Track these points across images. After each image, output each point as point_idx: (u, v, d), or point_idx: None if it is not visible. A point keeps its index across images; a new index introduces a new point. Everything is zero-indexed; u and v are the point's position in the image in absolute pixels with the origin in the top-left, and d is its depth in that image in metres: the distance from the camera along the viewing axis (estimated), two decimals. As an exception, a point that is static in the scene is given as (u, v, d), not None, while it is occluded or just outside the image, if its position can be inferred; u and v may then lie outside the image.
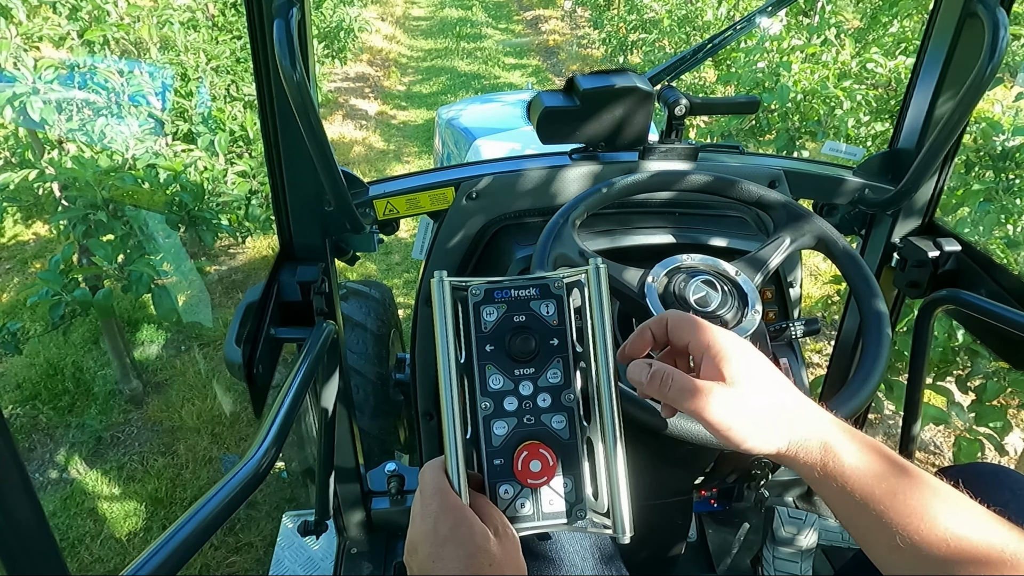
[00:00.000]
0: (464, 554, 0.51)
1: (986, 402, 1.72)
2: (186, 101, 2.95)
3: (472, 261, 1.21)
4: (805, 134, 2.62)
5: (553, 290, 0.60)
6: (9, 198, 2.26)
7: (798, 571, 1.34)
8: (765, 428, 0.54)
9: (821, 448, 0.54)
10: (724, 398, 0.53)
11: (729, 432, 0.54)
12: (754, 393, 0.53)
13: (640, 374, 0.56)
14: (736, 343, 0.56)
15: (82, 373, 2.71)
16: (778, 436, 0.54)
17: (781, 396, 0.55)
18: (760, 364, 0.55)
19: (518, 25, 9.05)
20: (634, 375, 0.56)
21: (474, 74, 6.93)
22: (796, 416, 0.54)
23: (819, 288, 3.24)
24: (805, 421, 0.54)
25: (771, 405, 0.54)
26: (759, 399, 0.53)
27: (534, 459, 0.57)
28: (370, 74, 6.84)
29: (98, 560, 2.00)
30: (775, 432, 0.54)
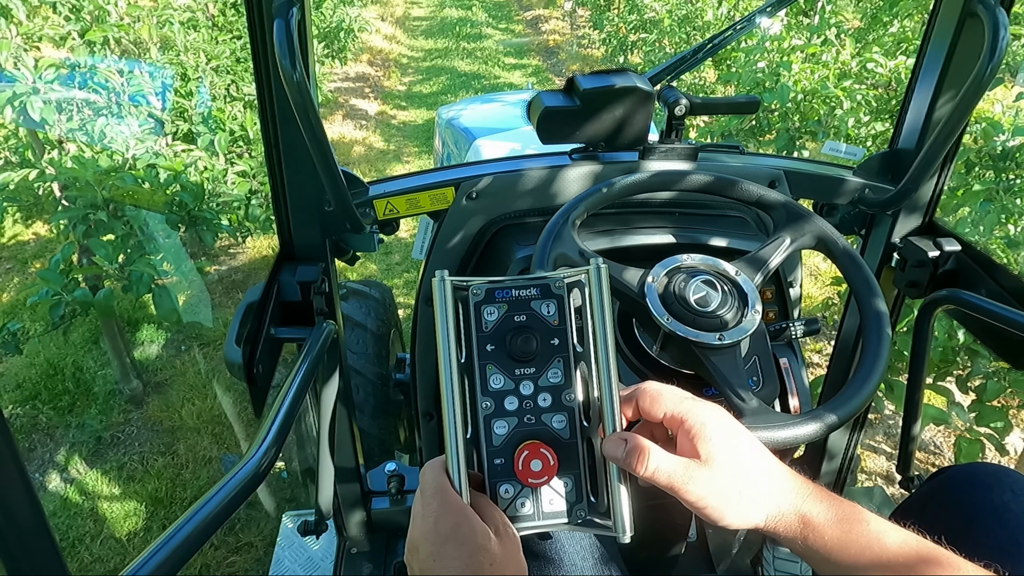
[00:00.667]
0: (465, 553, 0.51)
1: (986, 402, 1.72)
2: (186, 101, 2.95)
3: (472, 261, 1.21)
4: (805, 134, 2.62)
5: (554, 290, 0.60)
6: (9, 198, 2.26)
7: (798, 571, 1.34)
8: (741, 505, 0.54)
9: (799, 522, 0.54)
10: (699, 477, 0.54)
11: (706, 510, 0.54)
12: (729, 470, 0.54)
13: (616, 450, 0.55)
14: (711, 417, 0.56)
15: (82, 373, 2.71)
16: (754, 512, 0.55)
17: (757, 471, 0.55)
18: (736, 438, 0.55)
19: (518, 25, 9.05)
20: (609, 451, 0.56)
21: (474, 74, 6.93)
22: (772, 491, 0.55)
23: (820, 290, 3.24)
24: (781, 495, 0.55)
25: (747, 481, 0.54)
26: (735, 476, 0.54)
27: (534, 459, 0.57)
28: (370, 74, 6.84)
29: (98, 560, 2.00)
30: (751, 508, 0.55)
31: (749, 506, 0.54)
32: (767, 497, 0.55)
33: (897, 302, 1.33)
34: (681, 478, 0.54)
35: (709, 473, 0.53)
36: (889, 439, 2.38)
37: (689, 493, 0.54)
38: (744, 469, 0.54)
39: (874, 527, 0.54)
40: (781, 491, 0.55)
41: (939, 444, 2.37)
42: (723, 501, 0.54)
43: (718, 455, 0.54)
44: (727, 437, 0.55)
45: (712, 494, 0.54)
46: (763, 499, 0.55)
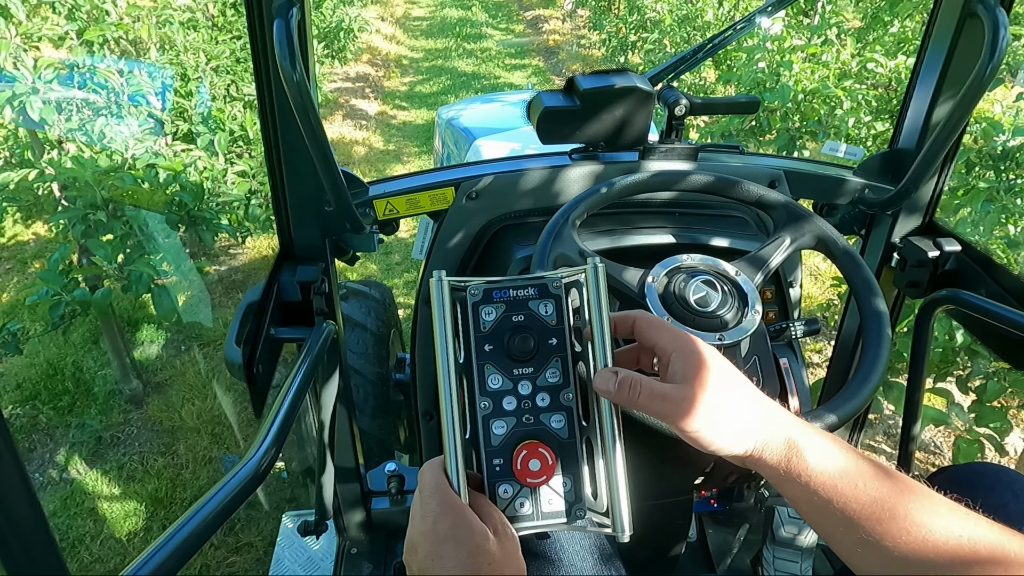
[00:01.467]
0: (463, 553, 0.51)
1: (987, 402, 1.71)
2: (186, 101, 2.95)
3: (472, 261, 1.21)
4: (805, 134, 2.62)
5: (552, 290, 0.60)
6: (9, 198, 2.26)
7: (798, 571, 1.34)
8: (733, 430, 0.54)
9: (785, 446, 0.54)
10: (690, 402, 0.54)
11: (699, 435, 0.54)
12: (721, 396, 0.54)
13: (607, 383, 0.56)
14: (702, 347, 0.57)
15: (82, 373, 2.71)
16: (746, 437, 0.55)
17: (747, 398, 0.56)
18: (725, 367, 0.56)
19: (518, 25, 9.05)
20: (601, 384, 0.56)
21: (474, 74, 6.93)
22: (762, 417, 0.55)
23: (820, 290, 3.24)
24: (771, 421, 0.55)
25: (738, 407, 0.55)
26: (726, 402, 0.54)
27: (533, 458, 0.57)
28: (370, 74, 6.84)
29: (98, 560, 2.00)
30: (743, 434, 0.55)
31: (740, 431, 0.54)
32: (757, 423, 0.55)
33: (897, 302, 1.33)
34: (674, 404, 0.54)
35: (699, 398, 0.54)
36: (889, 439, 2.38)
37: (682, 418, 0.54)
38: (735, 395, 0.55)
39: (860, 456, 0.54)
40: (770, 417, 0.55)
41: (939, 444, 2.37)
42: (715, 426, 0.54)
43: (710, 381, 0.54)
44: (718, 365, 0.56)
45: (704, 419, 0.54)
46: (754, 424, 0.55)
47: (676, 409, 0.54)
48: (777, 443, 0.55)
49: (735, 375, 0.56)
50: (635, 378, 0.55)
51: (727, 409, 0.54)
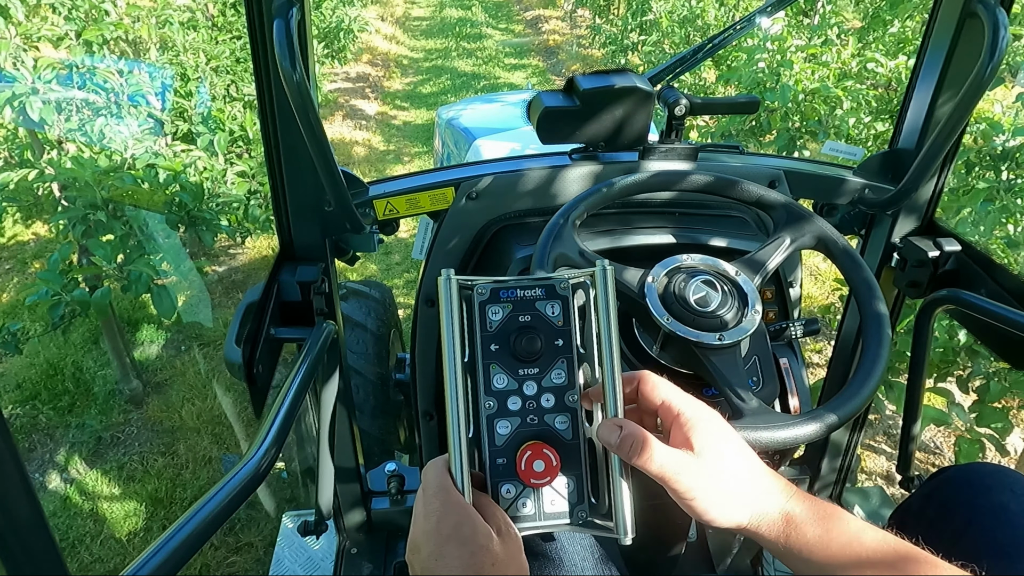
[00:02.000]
0: (466, 553, 0.51)
1: (989, 403, 1.71)
2: (186, 101, 2.95)
3: (472, 261, 1.20)
4: (806, 134, 2.62)
5: (559, 291, 0.60)
6: (9, 198, 2.26)
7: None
8: (728, 502, 0.55)
9: (783, 521, 0.55)
10: (690, 469, 0.54)
11: (693, 503, 0.55)
12: (719, 466, 0.54)
13: (610, 435, 0.56)
14: (705, 413, 0.56)
15: (82, 373, 2.71)
16: (740, 510, 0.55)
17: (745, 470, 0.56)
18: (727, 436, 0.56)
19: (518, 25, 9.05)
20: (604, 435, 0.56)
21: (474, 74, 6.93)
22: (759, 490, 0.55)
23: (820, 290, 3.24)
24: (768, 494, 0.55)
25: (735, 480, 0.55)
26: (724, 473, 0.55)
27: (537, 459, 0.57)
28: (370, 74, 6.84)
29: (98, 560, 2.00)
30: (738, 506, 0.55)
31: (736, 504, 0.55)
32: (754, 497, 0.55)
33: (897, 302, 1.33)
34: (672, 468, 0.54)
35: (699, 467, 0.54)
36: (889, 439, 2.38)
37: (679, 484, 0.54)
38: (734, 467, 0.55)
39: (854, 526, 0.54)
40: (767, 491, 0.56)
41: (939, 444, 2.37)
42: (711, 496, 0.54)
43: (710, 451, 0.54)
44: (719, 435, 0.56)
45: (701, 488, 0.54)
46: (750, 498, 0.55)
47: (674, 476, 0.54)
48: (774, 517, 0.55)
49: (734, 445, 0.56)
50: (637, 437, 0.55)
51: (723, 480, 0.54)
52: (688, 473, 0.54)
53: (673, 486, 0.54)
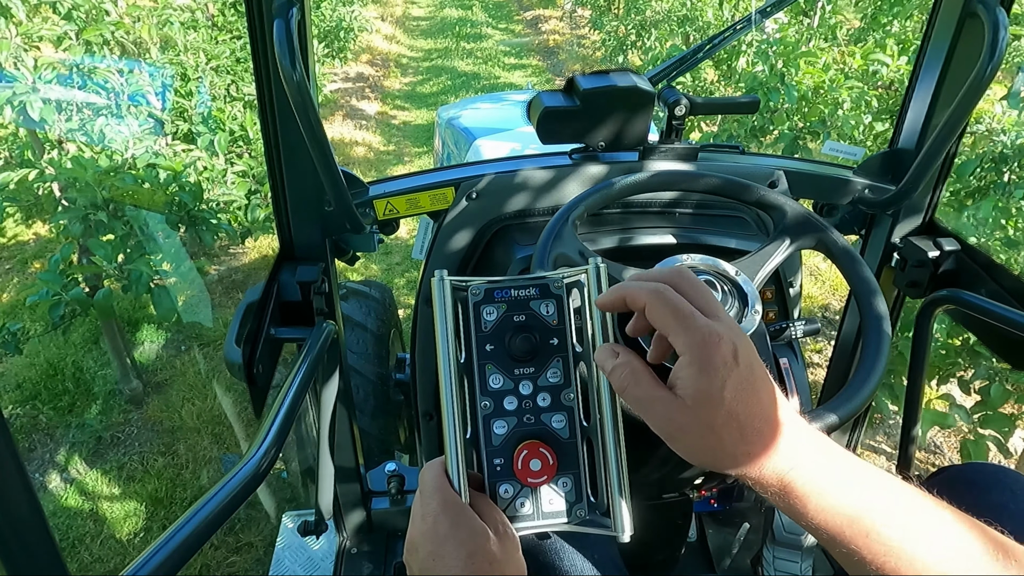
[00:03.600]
0: (464, 553, 0.51)
1: (992, 407, 1.71)
2: (186, 101, 2.95)
3: (472, 261, 1.21)
4: (808, 134, 2.62)
5: (553, 290, 0.60)
6: (9, 198, 2.26)
7: (798, 571, 1.34)
8: (707, 452, 0.50)
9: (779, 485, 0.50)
10: (665, 414, 0.49)
11: (677, 449, 0.51)
12: (700, 416, 0.48)
13: (605, 361, 0.53)
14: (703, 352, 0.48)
15: (82, 373, 2.71)
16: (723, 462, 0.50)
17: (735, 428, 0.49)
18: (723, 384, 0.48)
19: (518, 25, 9.05)
20: (600, 358, 0.54)
21: (474, 74, 6.93)
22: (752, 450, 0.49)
23: (820, 290, 3.24)
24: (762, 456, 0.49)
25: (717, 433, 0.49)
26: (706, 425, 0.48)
27: (534, 458, 0.57)
28: (370, 74, 6.84)
29: (98, 560, 2.00)
30: (720, 458, 0.50)
31: (718, 456, 0.50)
32: (744, 455, 0.49)
33: (897, 302, 1.33)
34: (663, 416, 0.50)
35: (676, 413, 0.49)
36: (889, 439, 2.38)
37: (652, 425, 0.51)
38: (719, 420, 0.48)
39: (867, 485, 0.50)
40: (762, 453, 0.49)
41: (939, 444, 2.37)
42: (687, 443, 0.50)
43: (693, 398, 0.48)
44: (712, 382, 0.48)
45: (674, 435, 0.50)
46: (737, 456, 0.49)
47: (649, 420, 0.50)
48: (770, 482, 0.50)
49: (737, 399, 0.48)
50: (629, 371, 0.51)
51: (705, 438, 0.49)
52: (661, 417, 0.50)
53: (658, 429, 0.51)
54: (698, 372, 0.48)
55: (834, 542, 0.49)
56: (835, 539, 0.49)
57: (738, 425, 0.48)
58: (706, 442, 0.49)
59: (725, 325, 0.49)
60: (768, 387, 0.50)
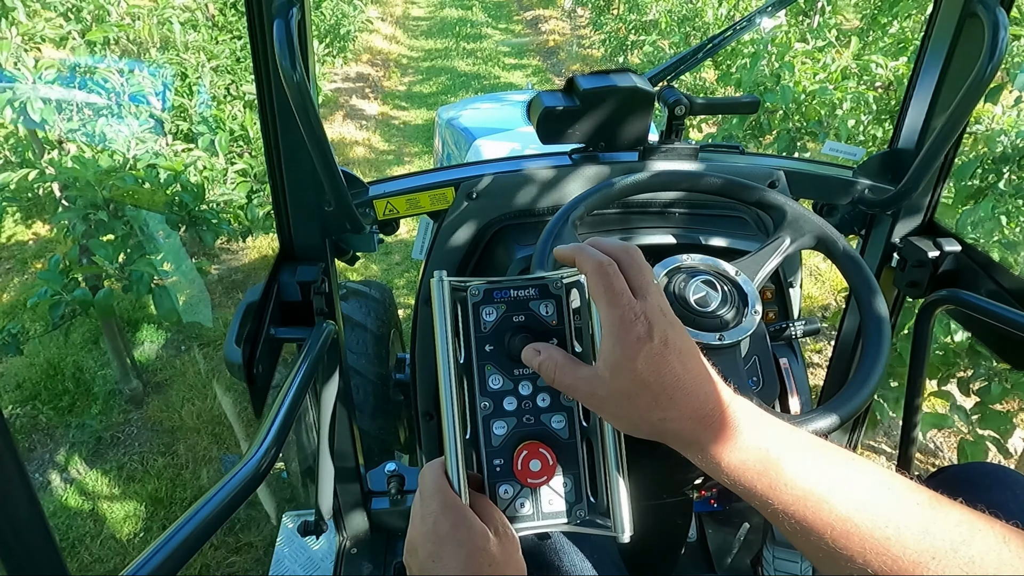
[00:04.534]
0: (463, 554, 0.51)
1: (990, 405, 1.71)
2: (186, 101, 2.95)
3: (472, 261, 1.21)
4: (806, 134, 2.62)
5: (552, 290, 0.60)
6: (9, 198, 2.26)
7: (798, 571, 1.34)
8: (634, 420, 0.52)
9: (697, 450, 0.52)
10: (591, 389, 0.53)
11: (603, 416, 0.55)
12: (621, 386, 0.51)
13: (531, 361, 0.57)
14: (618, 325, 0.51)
15: (82, 373, 2.71)
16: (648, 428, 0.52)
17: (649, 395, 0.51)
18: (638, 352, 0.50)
19: (518, 25, 9.05)
20: (526, 359, 0.57)
21: (474, 74, 6.93)
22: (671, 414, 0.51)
23: (820, 290, 3.24)
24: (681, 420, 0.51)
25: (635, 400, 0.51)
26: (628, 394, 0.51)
27: (534, 459, 0.57)
28: (370, 74, 6.84)
29: (98, 560, 2.00)
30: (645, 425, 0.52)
31: (643, 423, 0.52)
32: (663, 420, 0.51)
33: (897, 302, 1.33)
34: (576, 389, 0.54)
35: (600, 386, 0.52)
36: (889, 439, 2.38)
37: (586, 403, 0.55)
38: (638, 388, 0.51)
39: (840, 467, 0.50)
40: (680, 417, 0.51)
41: (939, 444, 2.37)
42: (616, 413, 0.53)
43: (611, 368, 0.51)
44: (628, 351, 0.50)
45: (605, 408, 0.53)
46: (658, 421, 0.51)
47: (581, 399, 0.55)
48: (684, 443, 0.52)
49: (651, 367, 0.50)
50: (551, 359, 0.55)
51: (629, 406, 0.52)
52: (585, 393, 0.53)
53: (580, 402, 0.56)
54: (612, 345, 0.51)
55: (750, 494, 0.51)
56: (750, 491, 0.51)
57: (651, 393, 0.51)
58: (624, 410, 0.52)
59: (648, 304, 0.52)
60: (682, 359, 0.52)
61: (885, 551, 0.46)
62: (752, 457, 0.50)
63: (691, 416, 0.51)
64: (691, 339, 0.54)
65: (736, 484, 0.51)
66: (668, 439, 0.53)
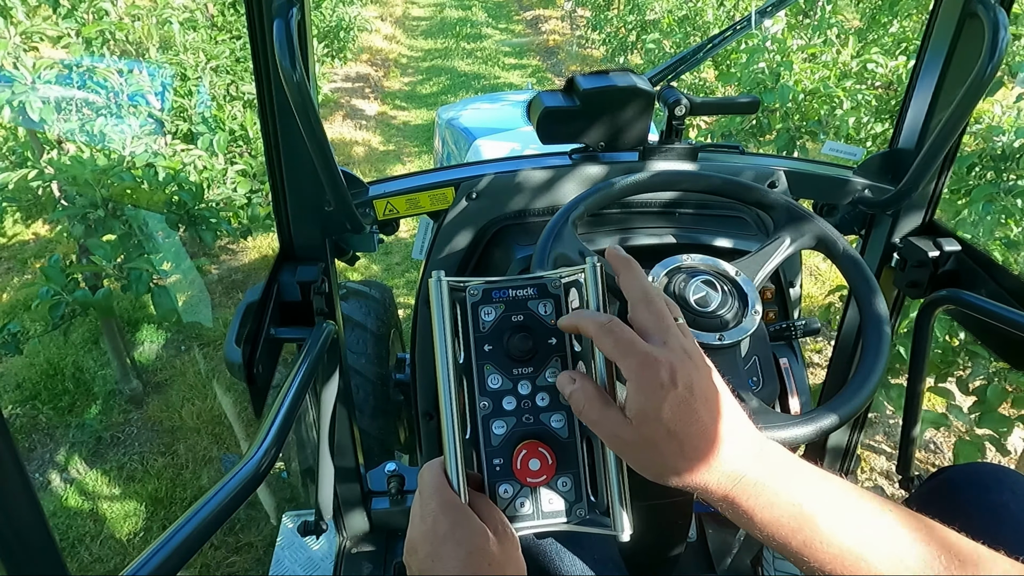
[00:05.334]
0: (463, 554, 0.51)
1: (990, 407, 1.71)
2: (186, 100, 2.95)
3: (472, 261, 1.21)
4: (805, 134, 2.62)
5: (551, 289, 0.60)
6: (9, 198, 2.26)
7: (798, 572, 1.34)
8: (658, 468, 0.52)
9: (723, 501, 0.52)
10: (617, 432, 0.52)
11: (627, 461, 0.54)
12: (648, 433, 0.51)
13: (564, 387, 0.56)
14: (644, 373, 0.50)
15: (82, 373, 2.71)
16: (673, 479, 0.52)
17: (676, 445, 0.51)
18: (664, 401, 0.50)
19: (518, 25, 9.05)
20: (560, 384, 0.56)
21: (474, 74, 6.93)
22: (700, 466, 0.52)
23: (820, 290, 3.24)
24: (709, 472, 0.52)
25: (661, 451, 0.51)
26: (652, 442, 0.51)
27: (533, 458, 0.57)
28: (370, 74, 6.84)
29: (98, 560, 2.00)
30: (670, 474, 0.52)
31: (668, 472, 0.52)
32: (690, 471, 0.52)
33: (897, 302, 1.33)
34: (602, 429, 0.53)
35: (627, 431, 0.52)
36: (889, 439, 2.38)
37: (609, 444, 0.55)
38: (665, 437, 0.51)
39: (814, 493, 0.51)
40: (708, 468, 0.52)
41: (939, 444, 2.37)
42: (640, 460, 0.53)
43: (638, 415, 0.51)
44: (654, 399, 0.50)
45: (629, 452, 0.53)
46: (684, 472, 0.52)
47: (605, 439, 0.54)
48: (715, 495, 0.53)
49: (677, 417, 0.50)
50: (585, 392, 0.54)
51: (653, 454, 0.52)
52: (609, 435, 0.53)
53: (602, 440, 0.55)
54: (636, 392, 0.51)
55: (785, 549, 0.51)
56: (784, 547, 0.51)
57: (678, 443, 0.51)
58: (649, 457, 0.52)
59: (669, 349, 0.52)
60: (710, 407, 0.52)
61: None
62: (786, 513, 0.50)
63: (720, 470, 0.51)
64: (719, 382, 0.53)
65: (770, 540, 0.51)
66: (697, 492, 0.53)
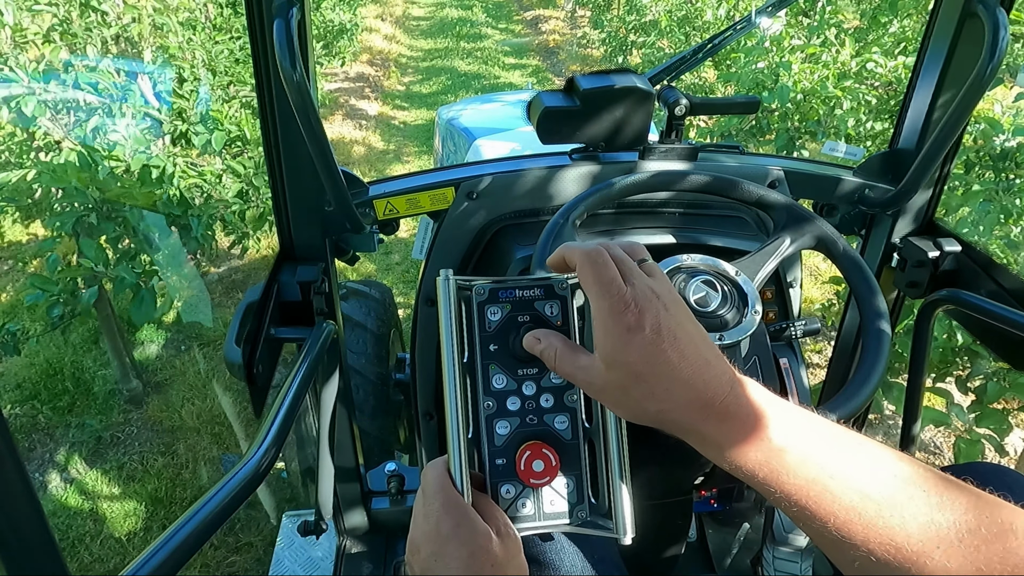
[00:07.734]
0: (466, 554, 0.51)
1: (987, 404, 1.71)
2: (184, 101, 2.95)
3: (472, 261, 1.21)
4: (805, 134, 2.62)
5: (558, 291, 0.59)
6: (8, 198, 2.26)
7: (798, 571, 1.34)
8: (631, 406, 0.51)
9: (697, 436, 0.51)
10: (590, 376, 0.52)
11: (603, 403, 0.55)
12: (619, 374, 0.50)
13: (533, 348, 0.56)
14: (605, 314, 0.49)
15: (82, 373, 2.71)
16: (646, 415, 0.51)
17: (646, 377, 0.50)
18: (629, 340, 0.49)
19: (518, 25, 9.05)
20: (528, 345, 0.57)
21: (474, 74, 6.93)
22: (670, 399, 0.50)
23: (819, 290, 3.24)
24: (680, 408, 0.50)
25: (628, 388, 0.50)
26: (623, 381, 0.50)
27: (536, 459, 0.57)
28: (370, 74, 6.84)
29: (98, 560, 2.00)
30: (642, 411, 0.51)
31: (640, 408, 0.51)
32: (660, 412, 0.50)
33: (897, 302, 1.33)
34: (576, 377, 0.53)
35: (598, 374, 0.51)
36: (889, 439, 2.38)
37: (585, 389, 0.54)
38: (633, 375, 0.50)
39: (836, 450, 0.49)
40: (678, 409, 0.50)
41: (939, 444, 2.37)
42: (614, 399, 0.52)
43: (606, 357, 0.50)
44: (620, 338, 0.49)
45: (604, 393, 0.52)
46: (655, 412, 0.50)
47: (581, 384, 0.54)
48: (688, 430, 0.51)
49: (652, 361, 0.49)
50: (552, 346, 0.54)
51: (630, 398, 0.51)
52: (584, 382, 0.53)
53: (583, 390, 0.55)
54: (603, 336, 0.50)
55: (752, 480, 0.50)
56: (752, 478, 0.50)
57: (647, 385, 0.50)
58: (622, 400, 0.52)
59: (636, 290, 0.50)
60: (680, 347, 0.50)
61: (889, 540, 0.45)
62: (754, 446, 0.49)
63: (688, 406, 0.50)
64: (688, 320, 0.52)
65: (738, 471, 0.50)
66: (667, 428, 0.52)
